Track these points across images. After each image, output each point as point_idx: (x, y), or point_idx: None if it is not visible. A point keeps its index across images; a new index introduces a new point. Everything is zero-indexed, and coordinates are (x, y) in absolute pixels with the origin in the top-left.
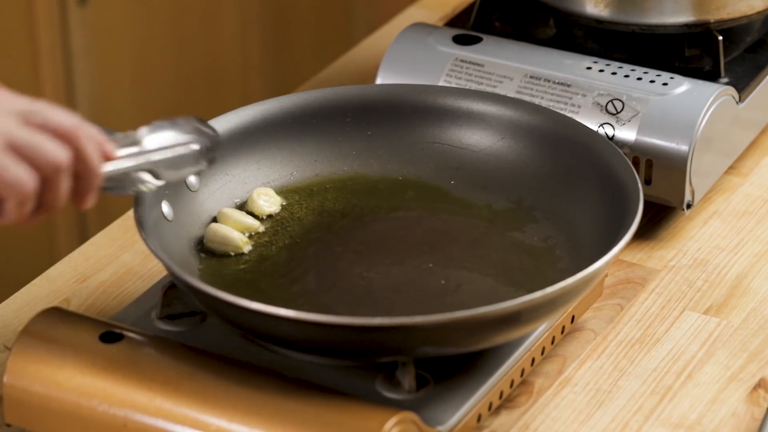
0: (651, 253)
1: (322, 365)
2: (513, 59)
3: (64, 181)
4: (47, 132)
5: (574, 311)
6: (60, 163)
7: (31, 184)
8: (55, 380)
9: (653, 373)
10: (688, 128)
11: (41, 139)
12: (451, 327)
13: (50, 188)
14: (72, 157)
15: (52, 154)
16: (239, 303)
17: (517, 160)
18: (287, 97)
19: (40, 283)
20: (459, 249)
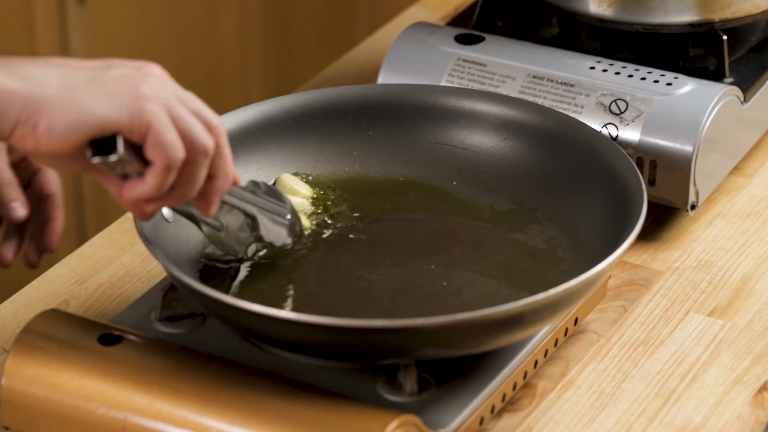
0: (655, 254)
1: (323, 368)
2: (515, 59)
3: (203, 168)
4: (198, 118)
5: (578, 313)
6: (208, 147)
7: (181, 154)
8: (54, 383)
9: (657, 376)
10: (692, 128)
11: (195, 120)
12: (454, 329)
13: (190, 172)
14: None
15: (203, 135)
16: (239, 305)
17: (520, 160)
18: (288, 97)
19: (38, 285)
20: (461, 250)
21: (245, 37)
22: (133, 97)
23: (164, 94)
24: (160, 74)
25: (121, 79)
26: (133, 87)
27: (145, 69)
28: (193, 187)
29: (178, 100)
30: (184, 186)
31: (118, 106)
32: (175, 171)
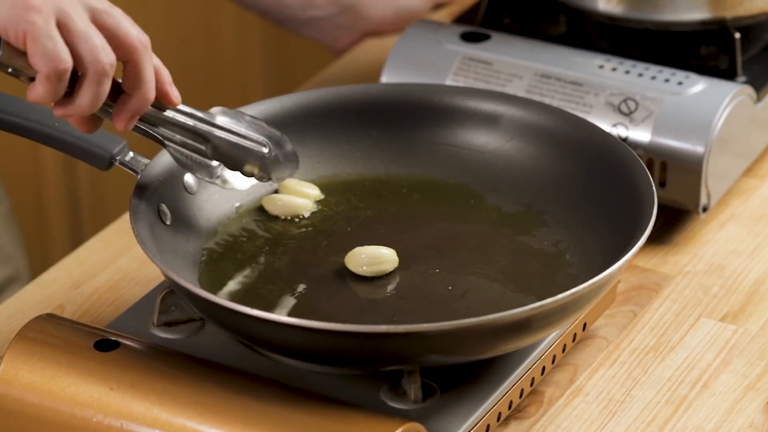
0: (665, 258)
1: (324, 374)
2: (522, 57)
3: (99, 84)
4: (109, 35)
5: (586, 318)
6: (101, 62)
7: (63, 65)
8: (49, 389)
9: (668, 383)
10: (703, 129)
11: (94, 35)
12: (459, 335)
13: (85, 85)
14: (124, 65)
15: (97, 51)
16: (239, 309)
17: (527, 161)
18: (288, 97)
19: (32, 289)
20: (466, 254)
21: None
22: (14, 6)
23: (60, 4)
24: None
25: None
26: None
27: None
28: (92, 101)
29: (83, 10)
30: (81, 98)
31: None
32: (58, 80)
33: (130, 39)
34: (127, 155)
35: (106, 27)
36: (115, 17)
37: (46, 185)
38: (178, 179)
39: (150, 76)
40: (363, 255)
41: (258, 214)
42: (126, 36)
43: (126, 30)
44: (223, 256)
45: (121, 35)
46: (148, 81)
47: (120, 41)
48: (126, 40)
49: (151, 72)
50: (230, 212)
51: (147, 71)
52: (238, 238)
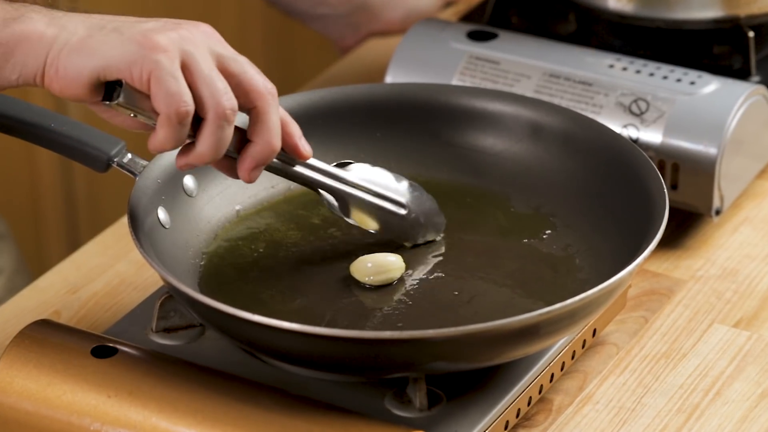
0: (677, 262)
1: (327, 381)
2: (531, 56)
3: (221, 129)
4: (234, 81)
5: (596, 324)
6: (223, 106)
7: (185, 107)
8: (45, 397)
9: (680, 390)
10: (716, 130)
11: (218, 79)
12: (465, 341)
13: (207, 130)
14: (249, 112)
15: (220, 94)
16: (240, 315)
17: (536, 163)
18: (290, 97)
19: (28, 294)
20: (473, 258)
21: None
22: (141, 46)
23: (185, 46)
24: (198, 30)
25: (145, 30)
26: (147, 37)
27: (183, 24)
28: (213, 147)
29: (209, 55)
30: (203, 144)
31: (123, 53)
32: (180, 124)
33: (255, 85)
34: (125, 157)
35: (231, 73)
36: (241, 63)
37: (42, 188)
38: (178, 182)
39: (275, 124)
40: (369, 264)
41: (259, 217)
42: (251, 82)
43: (251, 76)
44: (224, 260)
45: (246, 81)
46: (273, 128)
47: (245, 87)
48: (251, 86)
49: (276, 120)
50: (231, 216)
51: (272, 118)
52: (239, 243)
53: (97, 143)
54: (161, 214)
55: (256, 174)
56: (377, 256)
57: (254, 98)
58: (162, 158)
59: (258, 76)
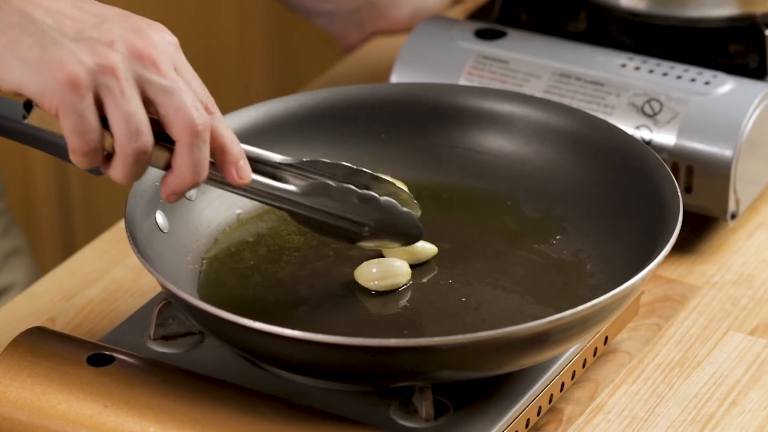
0: (692, 268)
1: (330, 390)
2: (540, 55)
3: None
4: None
5: (608, 332)
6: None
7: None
8: (39, 407)
9: (694, 400)
10: (732, 131)
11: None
12: (473, 349)
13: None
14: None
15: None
16: (240, 322)
17: (545, 166)
18: (293, 97)
19: (22, 301)
20: (481, 263)
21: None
22: (53, 76)
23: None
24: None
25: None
26: (62, 66)
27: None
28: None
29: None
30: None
31: (35, 78)
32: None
33: (176, 121)
34: None
35: (154, 102)
36: (169, 93)
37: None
38: None
39: (197, 162)
40: (374, 269)
41: (260, 221)
42: (173, 117)
43: (177, 109)
44: (224, 266)
45: (168, 115)
46: (192, 166)
47: (166, 121)
48: (172, 122)
49: (196, 157)
50: (231, 220)
51: (194, 156)
52: (240, 247)
53: None
54: (159, 218)
55: (174, 199)
56: (382, 261)
57: (175, 134)
58: None
59: (185, 109)
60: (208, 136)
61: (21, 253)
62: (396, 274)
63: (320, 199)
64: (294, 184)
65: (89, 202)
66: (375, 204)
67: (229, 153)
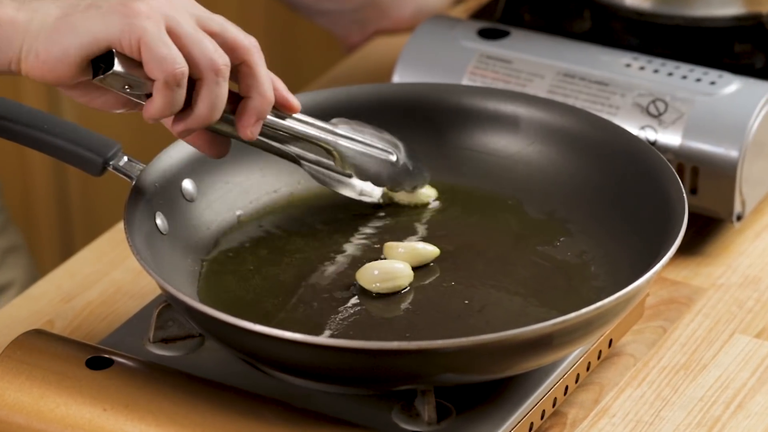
0: (697, 270)
1: (332, 394)
2: (544, 55)
3: (218, 86)
4: (219, 40)
5: (612, 334)
6: (216, 63)
7: (180, 68)
8: (38, 410)
9: (699, 403)
10: (738, 132)
11: (203, 37)
12: (476, 352)
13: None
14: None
15: (210, 52)
16: (241, 325)
17: (549, 167)
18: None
19: (20, 303)
20: (484, 265)
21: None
22: (123, 15)
23: (167, 11)
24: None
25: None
26: (127, 6)
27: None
28: (211, 106)
29: (189, 17)
30: (200, 105)
31: (107, 24)
32: (177, 87)
33: (240, 40)
34: (121, 160)
35: (214, 32)
36: (220, 22)
37: (35, 192)
38: (176, 186)
39: (266, 75)
40: (376, 271)
41: (261, 223)
42: (234, 39)
43: (233, 33)
44: (224, 267)
45: (230, 38)
46: (265, 80)
47: (230, 44)
48: (235, 43)
49: (265, 71)
50: (231, 221)
51: (262, 70)
52: (240, 249)
53: (92, 145)
54: (159, 219)
55: (256, 129)
56: (384, 262)
57: (241, 54)
58: (160, 161)
59: (239, 32)
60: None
61: (19, 251)
62: (398, 276)
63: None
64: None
65: (88, 203)
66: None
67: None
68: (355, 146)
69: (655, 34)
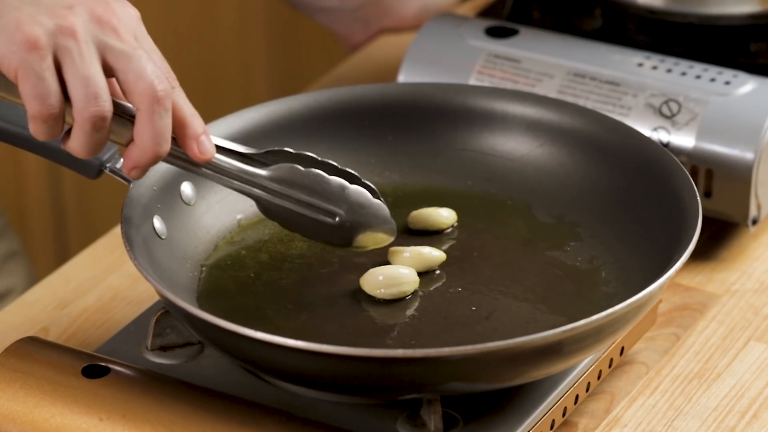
0: (711, 275)
1: (335, 403)
2: (554, 54)
3: (88, 134)
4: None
5: (624, 342)
6: (88, 110)
7: (52, 110)
8: (32, 420)
9: (714, 413)
10: (753, 133)
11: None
12: (483, 360)
13: (74, 129)
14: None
15: (88, 98)
16: (241, 332)
17: (559, 169)
18: (296, 98)
19: (14, 310)
20: (492, 271)
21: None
22: (10, 38)
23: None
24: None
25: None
26: (19, 28)
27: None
28: (81, 147)
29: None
30: (73, 142)
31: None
32: (45, 123)
33: (137, 86)
34: (117, 162)
35: (115, 69)
36: (132, 59)
37: (29, 195)
38: (175, 188)
39: (158, 131)
40: (380, 276)
41: (262, 227)
42: (133, 82)
43: (137, 75)
44: (224, 273)
45: (129, 81)
46: (153, 136)
47: (126, 87)
48: (133, 87)
49: (161, 125)
50: (232, 225)
51: (155, 125)
52: (241, 254)
53: None
54: (157, 223)
55: (136, 174)
56: (389, 268)
57: (135, 101)
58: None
59: (146, 75)
60: (169, 105)
61: (18, 257)
62: (403, 281)
63: (288, 184)
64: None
65: (84, 207)
66: (344, 191)
67: (190, 127)
68: (281, 202)
69: (668, 32)
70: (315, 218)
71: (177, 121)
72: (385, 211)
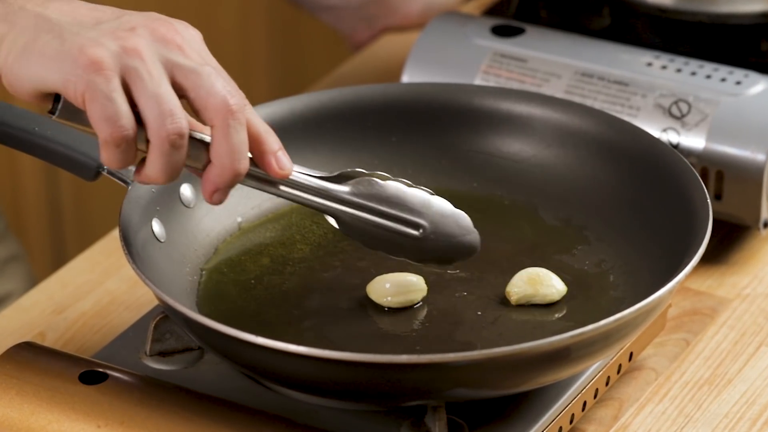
0: (722, 279)
1: (338, 410)
2: (561, 54)
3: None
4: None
5: (633, 347)
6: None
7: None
8: (28, 427)
9: (724, 420)
10: (764, 134)
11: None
12: (489, 366)
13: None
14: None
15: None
16: (242, 337)
17: (566, 171)
18: (297, 98)
19: (10, 314)
20: (498, 275)
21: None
22: (75, 62)
23: (130, 62)
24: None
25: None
26: (83, 52)
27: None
28: (159, 171)
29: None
30: (149, 167)
31: (59, 68)
32: (117, 147)
33: (211, 102)
34: None
35: (185, 87)
36: (199, 75)
37: (25, 198)
38: (174, 191)
39: (234, 146)
40: (387, 284)
41: (263, 230)
42: (206, 99)
43: (208, 92)
44: (225, 277)
45: (201, 98)
46: (229, 151)
47: (199, 104)
48: (206, 103)
49: (237, 141)
50: (232, 228)
51: (229, 140)
52: (241, 258)
53: (86, 148)
54: (156, 226)
55: (218, 197)
56: (397, 275)
57: (209, 117)
58: None
59: (217, 90)
60: (244, 119)
61: (18, 261)
62: (411, 290)
63: (369, 198)
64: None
65: (81, 210)
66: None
67: (266, 143)
68: (364, 216)
69: (678, 31)
70: (398, 231)
71: (252, 138)
72: (467, 221)
